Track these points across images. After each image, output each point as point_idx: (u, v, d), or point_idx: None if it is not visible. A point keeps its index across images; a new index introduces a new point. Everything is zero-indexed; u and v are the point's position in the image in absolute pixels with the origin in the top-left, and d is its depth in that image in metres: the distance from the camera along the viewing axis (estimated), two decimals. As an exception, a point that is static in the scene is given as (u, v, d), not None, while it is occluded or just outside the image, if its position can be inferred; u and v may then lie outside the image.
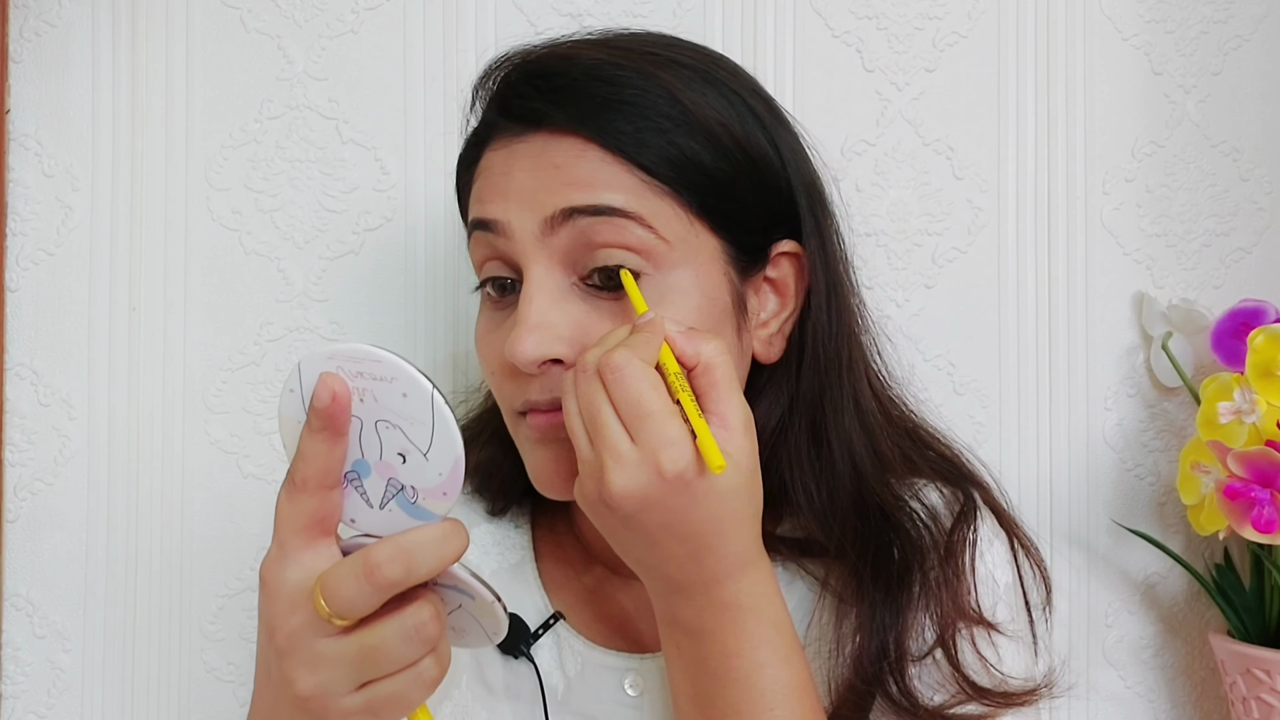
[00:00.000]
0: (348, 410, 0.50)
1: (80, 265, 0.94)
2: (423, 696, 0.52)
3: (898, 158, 0.96)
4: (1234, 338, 0.89)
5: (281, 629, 0.50)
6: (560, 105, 0.63)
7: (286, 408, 0.52)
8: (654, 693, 0.69)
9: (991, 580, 0.67)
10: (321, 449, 0.50)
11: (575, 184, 0.62)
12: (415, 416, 0.49)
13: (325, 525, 0.51)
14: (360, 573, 0.48)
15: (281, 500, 0.51)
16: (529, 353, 0.61)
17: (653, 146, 0.63)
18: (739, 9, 0.96)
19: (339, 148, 0.94)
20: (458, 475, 0.50)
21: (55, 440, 0.93)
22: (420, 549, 0.49)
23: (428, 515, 0.51)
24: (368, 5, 0.95)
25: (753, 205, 0.66)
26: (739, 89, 0.67)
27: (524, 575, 0.75)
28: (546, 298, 0.62)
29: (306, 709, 0.51)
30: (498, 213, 0.64)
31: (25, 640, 0.93)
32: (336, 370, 0.50)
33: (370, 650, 0.49)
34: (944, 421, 0.95)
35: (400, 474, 0.50)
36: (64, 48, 0.94)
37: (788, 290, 0.68)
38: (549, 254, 0.63)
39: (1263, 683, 0.86)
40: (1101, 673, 0.97)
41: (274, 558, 0.51)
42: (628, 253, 0.62)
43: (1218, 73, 0.99)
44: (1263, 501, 0.82)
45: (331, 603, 0.48)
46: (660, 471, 0.54)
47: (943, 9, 0.97)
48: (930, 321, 0.96)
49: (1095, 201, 0.97)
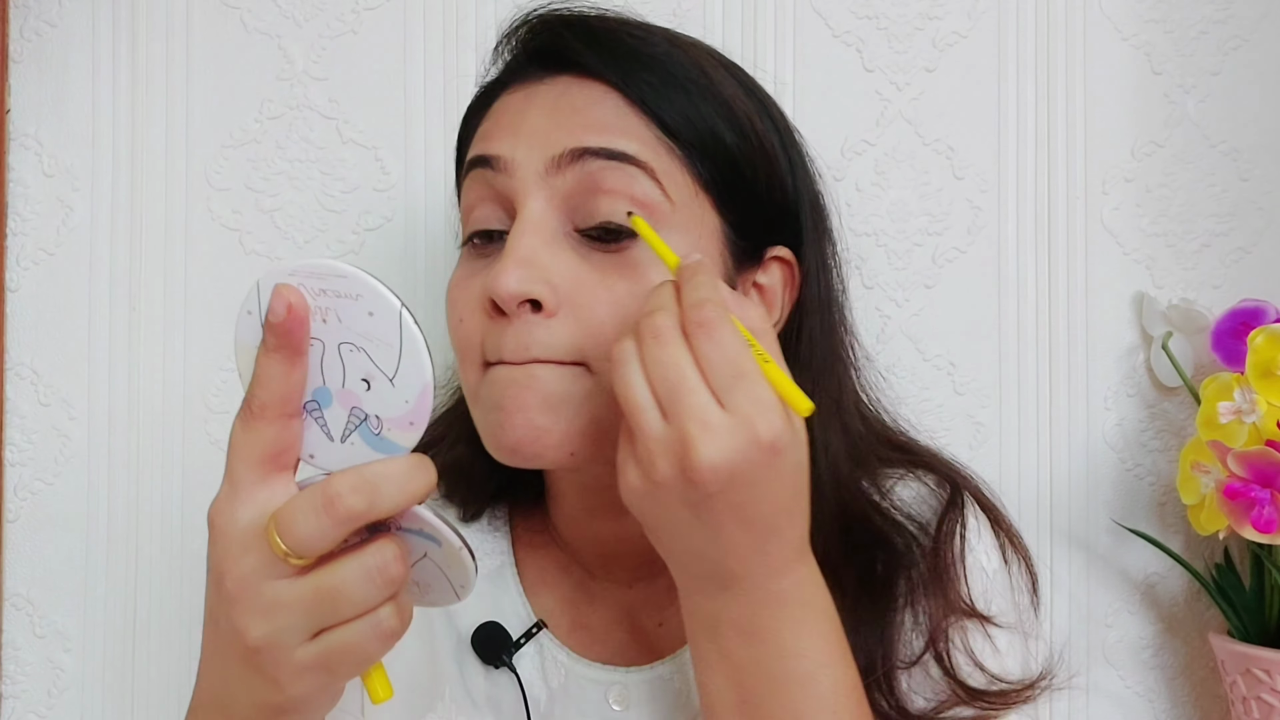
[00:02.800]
0: (306, 324, 0.46)
1: (80, 265, 0.94)
2: (380, 650, 0.48)
3: (898, 158, 0.96)
4: (1234, 338, 0.89)
5: (231, 572, 0.46)
6: (591, 47, 0.62)
7: (243, 332, 0.48)
8: (640, 707, 0.68)
9: (980, 569, 0.66)
10: (279, 370, 0.46)
11: (591, 126, 0.60)
12: (382, 338, 0.46)
13: (283, 459, 0.47)
14: (319, 505, 0.44)
15: (236, 431, 0.47)
16: (512, 285, 0.57)
17: (675, 104, 0.62)
18: (739, 9, 0.96)
19: (339, 148, 0.94)
20: (426, 403, 0.46)
21: (55, 440, 0.93)
22: (384, 481, 0.45)
23: (393, 448, 0.47)
24: (368, 5, 0.95)
25: (759, 196, 0.65)
26: (758, 94, 0.68)
27: (504, 581, 0.72)
28: (539, 236, 0.59)
29: (256, 663, 0.47)
30: (504, 149, 0.61)
31: (25, 640, 0.93)
32: (299, 287, 0.46)
33: (328, 591, 0.46)
34: (944, 421, 0.96)
35: (364, 402, 0.47)
36: (64, 47, 0.94)
37: (775, 298, 0.67)
38: (549, 193, 0.60)
39: (1263, 683, 0.86)
40: (1101, 673, 0.97)
41: (225, 496, 0.47)
42: (632, 203, 0.59)
43: (1217, 73, 0.99)
44: (1263, 501, 0.82)
45: (287, 538, 0.45)
46: (757, 438, 0.50)
47: (943, 9, 0.97)
48: (930, 321, 0.96)
49: (1095, 201, 0.97)
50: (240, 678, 0.48)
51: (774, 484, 0.51)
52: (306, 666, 0.47)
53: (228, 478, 0.47)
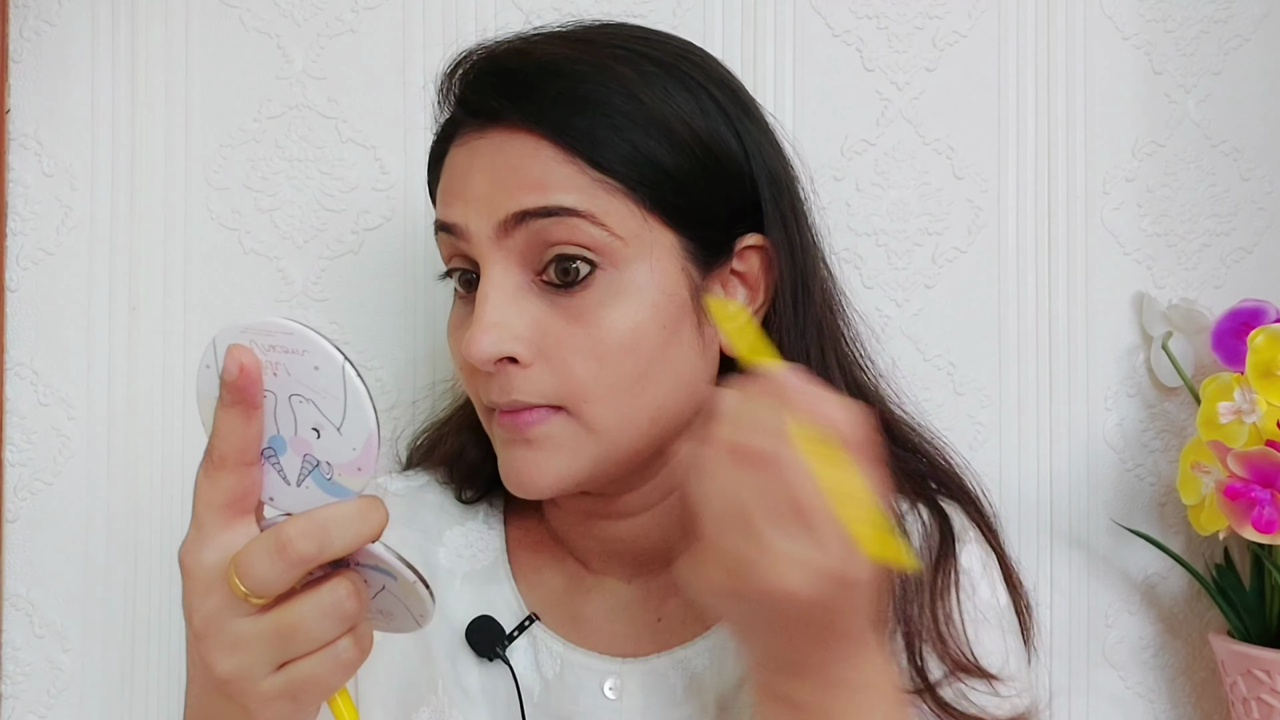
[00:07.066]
0: (258, 382, 0.49)
1: (80, 265, 0.94)
2: (341, 679, 0.51)
3: (898, 158, 0.96)
4: (1234, 338, 0.89)
5: (198, 611, 0.49)
6: (515, 102, 0.64)
7: (204, 384, 0.51)
8: (633, 696, 0.69)
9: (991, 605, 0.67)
10: (236, 424, 0.49)
11: (528, 186, 0.63)
12: (328, 390, 0.49)
13: (244, 504, 0.50)
14: (273, 548, 0.47)
15: (200, 479, 0.50)
16: (483, 351, 0.62)
17: (608, 144, 0.63)
18: (739, 9, 0.96)
19: (338, 147, 0.94)
20: (371, 450, 0.49)
21: (55, 440, 0.93)
22: (334, 524, 0.48)
23: (344, 491, 0.50)
24: (367, 5, 0.95)
25: (712, 201, 0.66)
26: (705, 81, 0.67)
27: (497, 576, 0.74)
28: (502, 296, 0.63)
29: (227, 692, 0.50)
30: (456, 216, 0.65)
31: (25, 640, 0.93)
32: (250, 344, 0.49)
33: (287, 628, 0.49)
34: (943, 421, 0.95)
35: (315, 449, 0.50)
36: (64, 47, 0.94)
37: (756, 283, 0.69)
38: (505, 254, 0.63)
39: (1263, 683, 0.85)
40: (1101, 673, 0.97)
41: (192, 540, 0.50)
42: (582, 249, 0.62)
43: (1218, 72, 0.98)
44: (1263, 501, 0.82)
45: (245, 580, 0.48)
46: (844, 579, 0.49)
47: (943, 9, 0.96)
48: (930, 321, 0.96)
49: (1095, 201, 0.97)
50: (217, 704, 0.52)
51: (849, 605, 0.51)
52: (272, 696, 0.50)
53: (194, 522, 0.50)
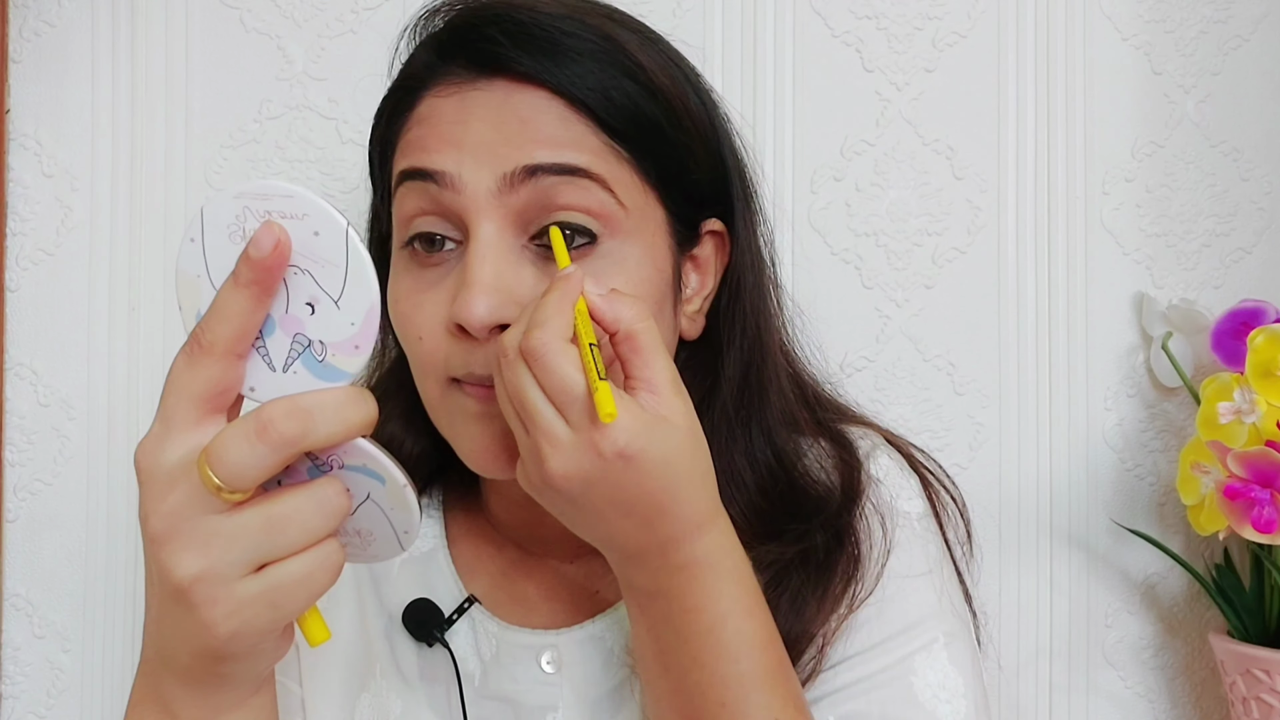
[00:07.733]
0: (286, 264, 0.44)
1: (80, 265, 0.94)
2: (329, 581, 0.46)
3: (898, 158, 0.96)
4: (1234, 338, 0.89)
5: (157, 510, 0.44)
6: (528, 52, 0.60)
7: (186, 261, 0.46)
8: (572, 667, 0.68)
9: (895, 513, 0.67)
10: (244, 307, 0.44)
11: (540, 140, 0.59)
12: (328, 258, 0.45)
13: (221, 399, 0.45)
14: (251, 431, 0.42)
15: (178, 366, 0.45)
16: (483, 316, 0.57)
17: (618, 105, 0.61)
18: (739, 9, 0.96)
19: (338, 148, 0.94)
20: (372, 324, 0.45)
21: (55, 440, 0.93)
22: (320, 408, 0.43)
23: (337, 375, 0.46)
24: (367, 5, 0.95)
25: (697, 181, 0.66)
26: (680, 64, 0.67)
27: (437, 562, 0.72)
28: (500, 258, 0.59)
29: (188, 600, 0.44)
30: (448, 164, 0.59)
31: (25, 640, 0.93)
32: (244, 210, 0.45)
33: (278, 519, 0.44)
34: (943, 421, 0.96)
35: (308, 327, 0.45)
36: (64, 48, 0.94)
37: (709, 269, 0.68)
38: (503, 213, 0.59)
39: (1263, 683, 0.86)
40: (1101, 673, 0.97)
41: (154, 435, 0.45)
42: (587, 216, 0.59)
43: (1218, 73, 0.99)
44: (1263, 501, 0.82)
45: (219, 468, 0.42)
46: (600, 453, 0.52)
47: (943, 9, 0.97)
48: (930, 321, 0.96)
49: (1095, 201, 0.97)
50: (174, 623, 0.46)
51: (640, 481, 0.54)
52: (247, 601, 0.44)
53: (161, 416, 0.45)
